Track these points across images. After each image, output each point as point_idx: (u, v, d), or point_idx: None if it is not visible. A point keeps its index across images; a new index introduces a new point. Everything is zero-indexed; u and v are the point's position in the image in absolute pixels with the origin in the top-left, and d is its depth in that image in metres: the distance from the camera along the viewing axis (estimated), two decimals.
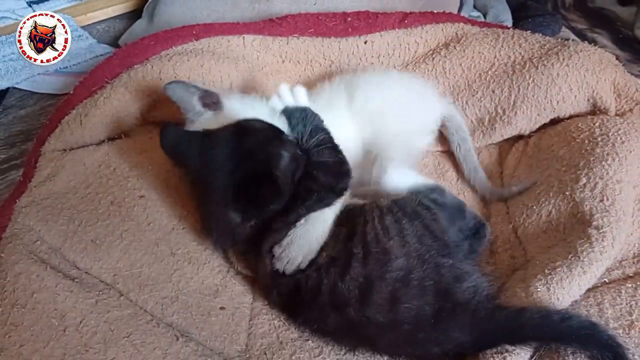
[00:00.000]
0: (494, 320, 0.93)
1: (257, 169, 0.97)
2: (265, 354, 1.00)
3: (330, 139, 1.07)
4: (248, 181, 0.96)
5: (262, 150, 0.98)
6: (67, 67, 1.80)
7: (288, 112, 1.09)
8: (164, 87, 1.14)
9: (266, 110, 1.14)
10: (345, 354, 1.00)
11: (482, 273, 1.02)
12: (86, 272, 1.06)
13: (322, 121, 1.09)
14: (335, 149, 1.07)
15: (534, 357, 0.92)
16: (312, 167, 1.02)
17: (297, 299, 1.00)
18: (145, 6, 1.91)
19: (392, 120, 1.26)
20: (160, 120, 1.31)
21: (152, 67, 1.32)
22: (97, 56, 1.83)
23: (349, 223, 1.02)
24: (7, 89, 1.76)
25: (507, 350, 0.90)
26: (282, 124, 1.08)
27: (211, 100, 1.15)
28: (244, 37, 1.40)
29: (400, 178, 1.13)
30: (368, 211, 1.03)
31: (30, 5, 1.98)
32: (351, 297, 0.94)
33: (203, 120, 1.14)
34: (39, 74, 1.77)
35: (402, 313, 0.92)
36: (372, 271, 0.94)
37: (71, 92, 1.36)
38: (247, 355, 1.01)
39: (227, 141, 1.00)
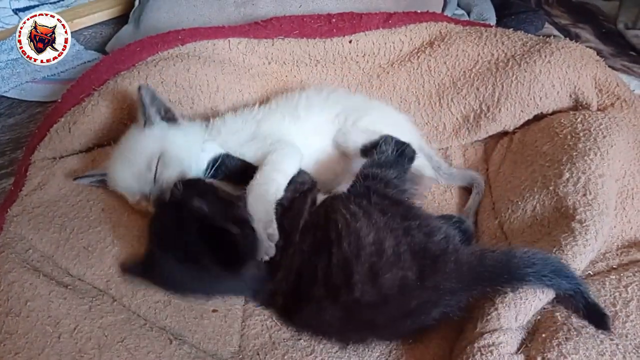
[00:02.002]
0: (477, 260, 0.95)
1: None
2: (258, 354, 1.01)
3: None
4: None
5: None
6: (54, 74, 1.80)
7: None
8: (137, 88, 1.18)
9: (202, 132, 1.26)
10: (337, 351, 1.01)
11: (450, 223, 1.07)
12: (79, 279, 1.08)
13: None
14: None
15: (521, 349, 0.94)
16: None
17: (295, 295, 1.01)
18: (132, 12, 1.91)
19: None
20: None
21: (139, 72, 1.32)
22: (85, 62, 1.84)
23: (323, 219, 1.05)
24: None
25: (493, 344, 0.91)
26: (210, 150, 1.21)
27: (170, 115, 1.22)
28: (229, 41, 1.41)
29: (358, 136, 1.22)
30: (333, 203, 1.06)
31: (16, 13, 1.98)
32: (339, 284, 0.95)
33: (161, 127, 1.20)
34: (27, 81, 1.78)
35: (386, 285, 0.93)
36: (347, 253, 0.96)
37: (59, 100, 1.36)
38: (241, 356, 1.02)
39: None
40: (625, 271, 1.04)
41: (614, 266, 1.07)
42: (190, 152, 1.20)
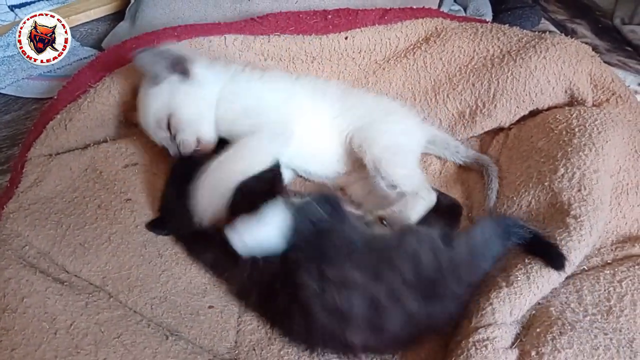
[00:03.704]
0: (467, 251, 0.97)
1: None
2: (254, 349, 1.02)
3: None
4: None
5: None
6: (51, 71, 1.79)
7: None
8: (133, 56, 1.17)
9: (224, 78, 1.23)
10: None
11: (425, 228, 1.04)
12: (75, 275, 1.08)
13: None
14: None
15: (516, 343, 0.94)
16: None
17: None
18: (128, 8, 1.90)
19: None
20: None
21: (135, 70, 1.32)
22: (81, 59, 1.83)
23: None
24: None
25: (488, 338, 0.92)
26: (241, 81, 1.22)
27: (179, 66, 1.18)
28: (225, 37, 1.41)
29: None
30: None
31: (12, 9, 1.98)
32: (334, 337, 0.94)
33: (169, 82, 1.17)
34: (23, 78, 1.77)
35: (392, 329, 0.93)
36: (329, 324, 0.93)
37: (55, 97, 1.36)
38: (237, 352, 1.02)
39: None
40: (619, 266, 1.05)
41: (609, 261, 1.08)
42: (209, 112, 1.18)
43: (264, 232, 0.95)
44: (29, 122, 1.61)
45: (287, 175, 1.27)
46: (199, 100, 1.19)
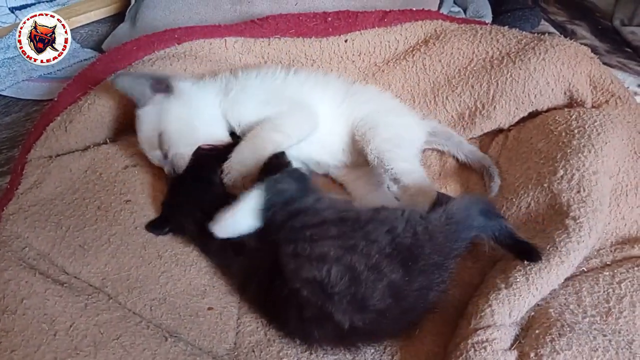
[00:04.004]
0: (446, 222, 0.97)
1: None
2: (254, 351, 1.02)
3: None
4: None
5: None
6: (51, 72, 1.80)
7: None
8: (110, 82, 1.20)
9: (215, 91, 1.26)
10: (331, 348, 1.01)
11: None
12: (75, 277, 1.08)
13: None
14: None
15: (515, 345, 0.94)
16: None
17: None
18: (128, 10, 1.91)
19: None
20: None
21: (135, 72, 1.33)
22: (81, 61, 1.84)
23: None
24: None
25: (487, 340, 0.92)
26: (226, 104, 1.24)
27: (161, 85, 1.21)
28: (225, 40, 1.42)
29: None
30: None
31: (12, 11, 1.98)
32: (321, 318, 0.94)
33: (155, 102, 1.21)
34: (23, 80, 1.77)
35: (377, 303, 0.92)
36: (315, 299, 0.94)
37: (55, 99, 1.37)
38: (236, 353, 1.02)
39: None
40: (618, 267, 1.05)
41: (608, 262, 1.08)
42: (199, 121, 1.21)
43: (239, 216, 1.01)
44: (29, 123, 1.61)
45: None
46: (188, 112, 1.22)
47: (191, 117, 1.21)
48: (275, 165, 1.10)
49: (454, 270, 0.98)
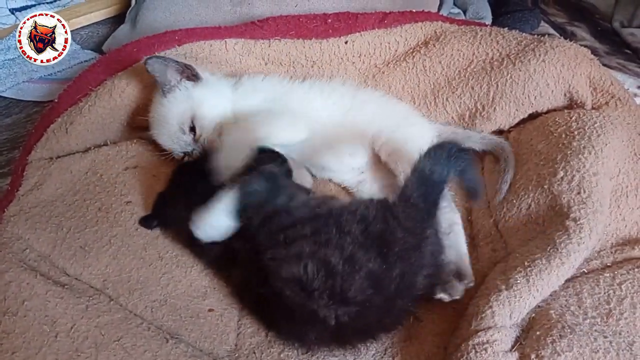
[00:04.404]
0: (418, 196, 0.96)
1: None
2: (255, 352, 1.02)
3: None
4: None
5: None
6: (51, 74, 1.80)
7: None
8: (143, 62, 1.20)
9: (229, 85, 1.31)
10: (332, 350, 1.01)
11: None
12: (76, 278, 1.08)
13: None
14: None
15: (515, 347, 0.94)
16: None
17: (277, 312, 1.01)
18: (128, 11, 1.91)
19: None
20: (145, 126, 1.32)
21: (136, 73, 1.33)
22: (82, 62, 1.84)
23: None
24: None
25: (487, 341, 0.92)
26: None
27: (190, 73, 1.24)
28: (225, 42, 1.42)
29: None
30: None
31: (13, 12, 1.98)
32: (310, 319, 0.95)
33: (183, 89, 1.24)
34: (24, 81, 1.78)
35: (358, 294, 0.92)
36: (296, 299, 0.94)
37: (56, 100, 1.37)
38: (237, 355, 1.02)
39: None
40: (619, 269, 1.05)
41: (608, 264, 1.08)
42: (225, 108, 1.25)
43: (214, 217, 1.02)
44: (30, 125, 1.61)
45: (306, 179, 1.30)
46: (215, 99, 1.26)
47: (219, 103, 1.26)
48: (259, 160, 1.10)
49: (437, 256, 0.99)
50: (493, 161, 1.35)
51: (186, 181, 1.15)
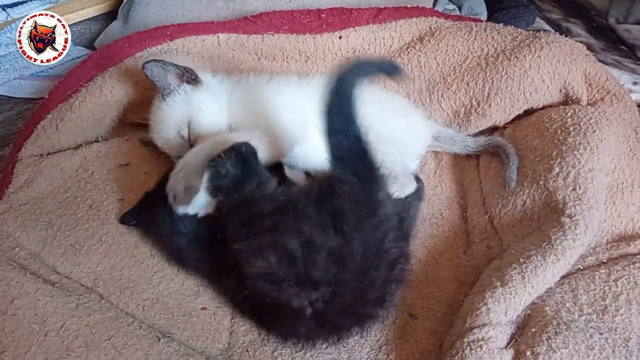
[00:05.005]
0: (364, 166, 0.94)
1: None
2: (248, 351, 1.01)
3: None
4: None
5: None
6: (43, 70, 1.78)
7: None
8: (141, 66, 1.16)
9: (231, 86, 1.25)
10: (327, 347, 1.01)
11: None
12: (66, 277, 1.07)
13: None
14: None
15: (511, 344, 0.94)
16: None
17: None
18: (120, 7, 1.89)
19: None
20: (137, 122, 1.31)
21: (127, 69, 1.32)
22: (73, 59, 1.82)
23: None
24: None
25: (483, 339, 0.91)
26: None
27: (189, 76, 1.20)
28: (218, 36, 1.41)
29: None
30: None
31: (4, 9, 1.96)
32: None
33: (182, 93, 1.19)
34: (15, 78, 1.76)
35: (324, 276, 0.92)
36: (273, 293, 0.94)
37: (46, 97, 1.36)
38: (230, 353, 1.01)
39: None
40: (615, 265, 1.04)
41: (604, 260, 1.08)
42: (221, 115, 1.21)
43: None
44: (21, 122, 1.60)
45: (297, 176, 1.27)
46: (214, 103, 1.21)
47: (216, 108, 1.22)
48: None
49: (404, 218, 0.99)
50: (489, 157, 1.34)
51: None
